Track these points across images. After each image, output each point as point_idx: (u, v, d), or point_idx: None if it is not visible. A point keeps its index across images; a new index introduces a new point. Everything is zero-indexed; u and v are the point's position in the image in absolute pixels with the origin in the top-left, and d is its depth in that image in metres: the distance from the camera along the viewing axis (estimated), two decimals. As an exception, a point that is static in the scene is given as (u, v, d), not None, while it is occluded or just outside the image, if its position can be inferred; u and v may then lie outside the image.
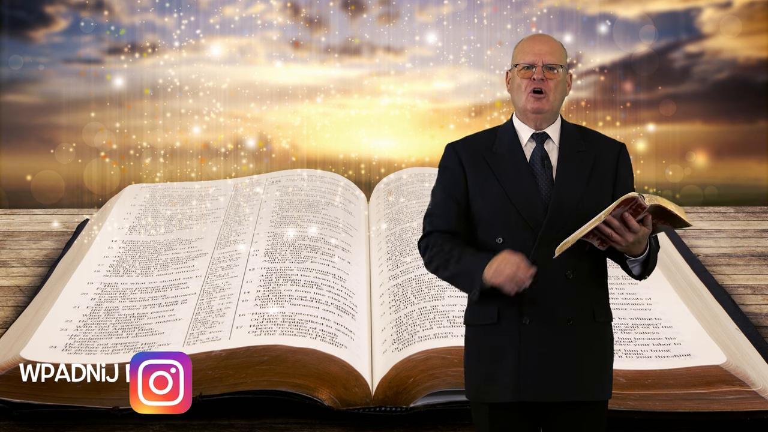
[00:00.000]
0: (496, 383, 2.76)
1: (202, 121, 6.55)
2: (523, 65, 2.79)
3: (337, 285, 4.46)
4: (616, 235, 2.64)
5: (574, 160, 2.80)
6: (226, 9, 6.58)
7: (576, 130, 2.85)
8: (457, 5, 6.57)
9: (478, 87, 6.59)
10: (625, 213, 2.62)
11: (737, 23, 6.68)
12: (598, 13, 6.60)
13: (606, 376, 2.80)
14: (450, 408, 3.79)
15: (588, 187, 2.77)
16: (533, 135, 2.82)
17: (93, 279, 4.65)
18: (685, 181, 6.58)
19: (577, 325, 2.75)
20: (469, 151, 2.84)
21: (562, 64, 2.80)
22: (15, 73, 6.64)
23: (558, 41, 2.84)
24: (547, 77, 2.78)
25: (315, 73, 6.62)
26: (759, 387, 3.81)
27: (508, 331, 2.75)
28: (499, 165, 2.80)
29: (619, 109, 6.55)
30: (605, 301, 2.82)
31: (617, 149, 2.85)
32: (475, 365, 2.81)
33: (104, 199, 6.17)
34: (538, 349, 2.74)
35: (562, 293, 2.74)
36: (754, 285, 4.94)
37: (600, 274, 2.81)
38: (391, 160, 6.58)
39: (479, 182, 2.80)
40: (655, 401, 3.78)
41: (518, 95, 2.82)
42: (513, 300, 2.74)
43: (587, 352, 2.76)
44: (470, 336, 2.84)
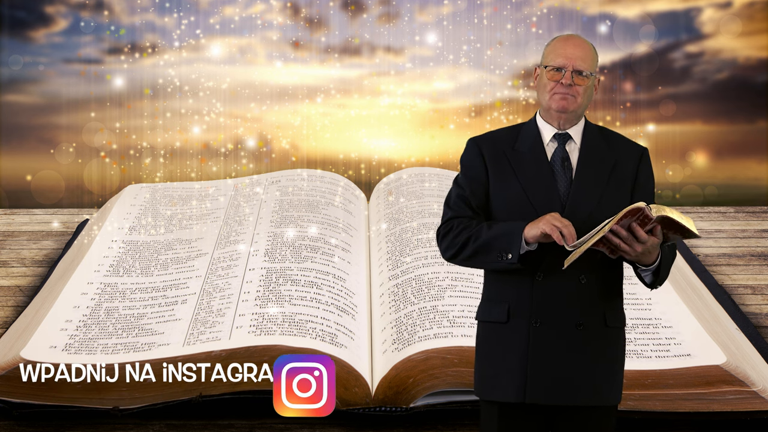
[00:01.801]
0: (503, 382, 2.76)
1: (202, 121, 6.55)
2: (552, 67, 2.76)
3: (337, 285, 4.46)
4: (624, 245, 2.62)
5: (594, 162, 2.78)
6: (226, 9, 6.57)
7: (598, 132, 2.83)
8: (457, 5, 6.57)
9: (478, 87, 6.59)
10: (633, 223, 2.60)
11: (737, 23, 6.68)
12: (598, 13, 6.60)
13: (616, 380, 2.79)
14: (450, 408, 3.79)
15: (606, 190, 2.76)
16: (555, 135, 2.81)
17: (93, 279, 4.65)
18: (685, 181, 6.58)
19: (588, 330, 2.73)
20: (491, 147, 2.82)
21: (592, 71, 2.76)
22: (15, 73, 6.64)
23: (591, 45, 2.80)
24: (575, 82, 2.75)
25: (315, 73, 6.62)
26: (759, 387, 3.81)
27: (518, 332, 2.75)
28: (520, 163, 2.79)
29: (619, 109, 6.55)
30: (619, 306, 2.80)
31: (639, 153, 2.83)
32: (485, 363, 2.81)
33: (104, 199, 6.17)
34: (546, 352, 2.73)
35: (574, 297, 2.73)
36: (754, 285, 4.94)
37: (614, 279, 2.79)
38: (391, 160, 6.58)
39: (499, 179, 2.79)
40: (655, 401, 3.78)
41: (543, 94, 2.79)
42: (524, 301, 2.73)
43: (597, 356, 2.74)
44: (481, 333, 2.83)
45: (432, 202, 5.22)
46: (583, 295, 2.73)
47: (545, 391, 2.73)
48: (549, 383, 2.73)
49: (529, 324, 2.74)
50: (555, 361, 2.73)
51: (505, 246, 2.69)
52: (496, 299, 2.77)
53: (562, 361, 2.73)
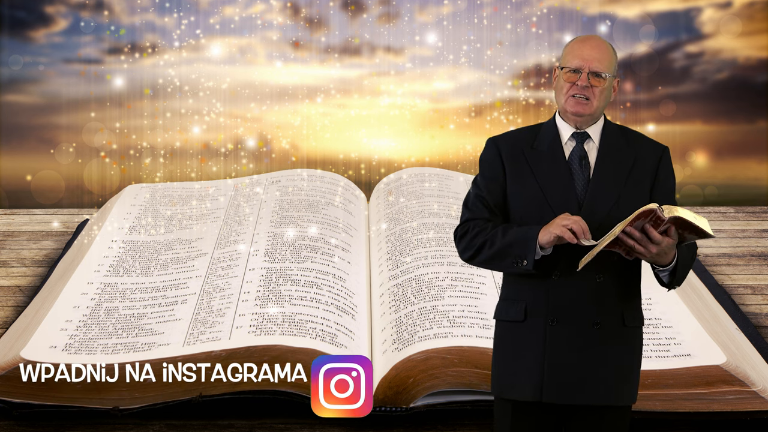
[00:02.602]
0: (519, 381, 2.76)
1: (202, 121, 6.55)
2: (569, 69, 2.75)
3: (337, 285, 4.46)
4: (639, 247, 2.62)
5: (612, 161, 2.77)
6: (226, 9, 6.57)
7: (618, 131, 2.82)
8: (457, 5, 6.57)
9: (478, 87, 6.59)
10: (646, 225, 2.60)
11: (737, 23, 6.68)
12: (598, 13, 6.60)
13: (632, 380, 2.78)
14: (450, 408, 3.79)
15: (625, 189, 2.75)
16: (573, 134, 2.80)
17: (93, 279, 4.65)
18: (685, 181, 6.58)
19: (605, 329, 2.73)
20: (510, 146, 2.82)
21: (610, 72, 2.75)
22: (15, 73, 6.64)
23: (609, 46, 2.78)
24: (592, 84, 2.74)
25: (315, 73, 6.62)
26: (759, 387, 3.81)
27: (535, 331, 2.74)
28: (538, 162, 2.78)
29: (619, 109, 6.55)
30: (637, 305, 2.79)
31: (660, 152, 2.82)
32: (501, 361, 2.81)
33: (104, 199, 6.17)
34: (563, 351, 2.72)
35: (591, 296, 2.72)
36: (754, 285, 4.94)
37: (631, 279, 2.78)
38: (391, 160, 6.58)
39: (517, 178, 2.79)
40: (655, 401, 3.78)
41: (560, 96, 2.79)
42: (541, 300, 2.73)
43: (614, 356, 2.74)
44: (499, 332, 2.83)
45: (432, 202, 5.22)
46: (600, 294, 2.73)
47: (561, 390, 2.73)
48: (565, 382, 2.72)
49: (546, 323, 2.73)
50: (571, 360, 2.72)
51: (520, 252, 2.69)
52: (514, 298, 2.78)
53: (578, 360, 2.72)
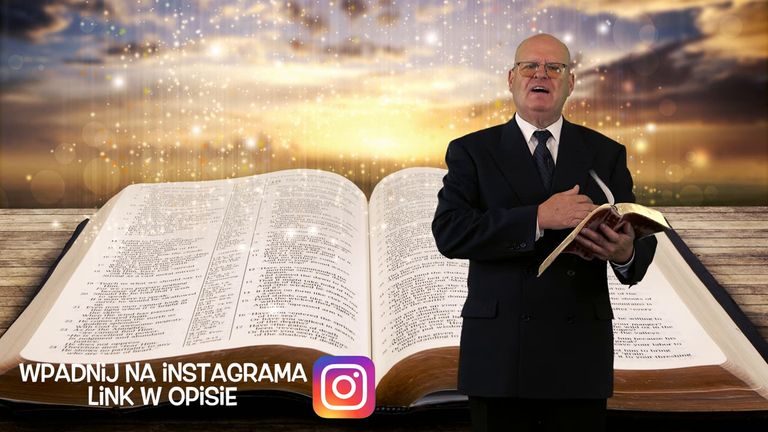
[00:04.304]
0: (492, 377, 2.77)
1: (202, 121, 6.55)
2: (526, 64, 2.84)
3: (337, 285, 4.46)
4: (597, 247, 2.68)
5: (574, 157, 2.84)
6: (226, 9, 6.57)
7: (577, 130, 2.90)
8: (457, 5, 6.57)
9: (478, 87, 6.59)
10: (602, 224, 2.66)
11: (737, 23, 6.68)
12: (598, 13, 6.60)
13: (607, 373, 2.82)
14: (450, 408, 3.79)
15: (588, 184, 2.81)
16: (536, 133, 2.87)
17: (93, 279, 4.65)
18: (685, 181, 6.58)
19: (579, 323, 2.76)
20: (475, 147, 2.87)
21: (564, 64, 2.84)
22: (15, 73, 6.64)
23: (561, 41, 2.88)
24: (549, 76, 2.82)
25: (315, 73, 6.62)
26: (759, 387, 3.81)
27: (508, 327, 2.77)
28: (505, 161, 2.84)
29: (619, 109, 6.55)
30: (606, 299, 2.84)
31: (617, 150, 2.90)
32: (471, 358, 2.82)
33: (104, 199, 6.17)
34: (537, 345, 2.75)
35: (563, 291, 2.76)
36: (754, 285, 4.94)
37: (600, 273, 2.83)
38: (391, 160, 6.58)
39: (487, 176, 2.83)
40: (655, 401, 3.78)
41: (519, 93, 2.86)
42: (514, 296, 2.75)
43: (588, 349, 2.77)
44: (467, 329, 2.85)
45: (432, 202, 5.23)
46: (573, 288, 2.77)
47: (537, 385, 2.75)
48: (540, 377, 2.75)
49: (520, 319, 2.75)
50: (546, 355, 2.75)
51: (518, 235, 2.72)
52: (484, 296, 2.80)
53: (554, 355, 2.75)
